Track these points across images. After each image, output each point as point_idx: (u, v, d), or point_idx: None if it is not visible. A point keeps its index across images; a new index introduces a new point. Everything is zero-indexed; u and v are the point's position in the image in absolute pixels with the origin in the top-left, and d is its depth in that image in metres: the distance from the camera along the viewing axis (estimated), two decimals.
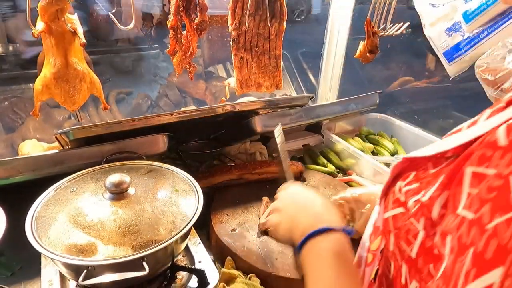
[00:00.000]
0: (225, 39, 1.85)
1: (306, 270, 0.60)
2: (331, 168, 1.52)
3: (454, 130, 0.53)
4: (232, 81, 1.37)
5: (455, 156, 0.47)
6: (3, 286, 0.86)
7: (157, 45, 1.94)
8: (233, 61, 1.33)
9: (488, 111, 0.47)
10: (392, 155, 1.59)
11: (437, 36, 1.29)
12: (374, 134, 1.75)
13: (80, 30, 1.04)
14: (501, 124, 0.39)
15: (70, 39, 1.02)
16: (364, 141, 1.69)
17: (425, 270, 0.48)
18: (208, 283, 0.88)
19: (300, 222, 0.65)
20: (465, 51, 1.21)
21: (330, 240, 0.60)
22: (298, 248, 0.63)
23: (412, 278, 0.52)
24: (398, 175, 0.58)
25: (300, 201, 0.71)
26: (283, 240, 0.71)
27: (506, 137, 0.37)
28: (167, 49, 1.22)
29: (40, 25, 0.98)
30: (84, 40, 1.02)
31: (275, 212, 0.75)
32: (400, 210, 0.53)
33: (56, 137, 1.04)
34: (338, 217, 0.66)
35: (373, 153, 1.64)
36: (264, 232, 1.07)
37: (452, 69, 1.31)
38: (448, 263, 0.39)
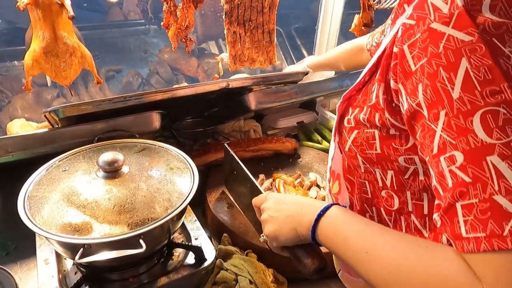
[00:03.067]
0: (218, 14, 1.80)
1: (331, 244, 0.60)
2: (325, 145, 1.52)
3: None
4: (225, 57, 1.34)
5: (370, 76, 0.63)
6: None
7: (153, 20, 1.88)
8: (225, 36, 1.29)
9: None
10: None
11: None
12: None
13: (68, 2, 1.00)
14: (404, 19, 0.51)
15: (57, 11, 0.99)
16: None
17: (392, 152, 0.60)
18: (205, 260, 0.88)
19: (303, 215, 0.65)
20: None
21: (333, 212, 0.62)
22: (312, 236, 0.63)
23: (386, 170, 0.63)
24: (342, 114, 0.70)
25: (288, 202, 0.71)
26: (289, 242, 0.68)
27: (413, 18, 0.49)
28: (162, 23, 1.18)
29: None
30: (72, 13, 0.98)
31: (268, 223, 0.71)
32: (355, 132, 0.66)
33: (45, 115, 1.01)
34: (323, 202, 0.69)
35: None
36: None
37: None
38: (431, 89, 0.47)
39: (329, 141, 1.56)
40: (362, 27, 1.50)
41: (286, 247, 0.70)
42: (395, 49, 0.52)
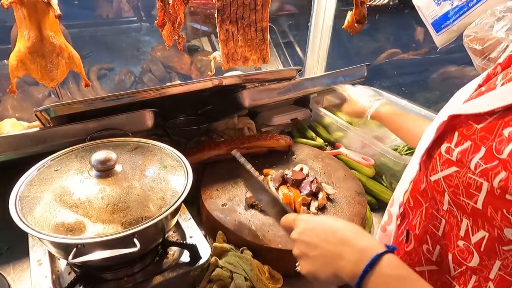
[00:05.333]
0: (208, 11, 1.79)
1: None
2: (319, 141, 1.52)
3: (478, 91, 0.58)
4: (218, 55, 1.33)
5: (503, 110, 0.51)
6: None
7: (144, 18, 1.86)
8: (218, 34, 1.29)
9: None
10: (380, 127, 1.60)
11: (426, 5, 1.27)
12: None
13: (54, 0, 0.98)
14: None
15: (43, 10, 0.96)
16: None
17: (498, 217, 0.50)
18: (200, 257, 0.88)
19: (344, 259, 0.57)
20: (454, 21, 1.19)
21: (387, 265, 0.54)
22: (357, 286, 0.55)
23: (479, 228, 0.54)
24: (440, 136, 0.59)
25: (322, 238, 0.60)
26: (330, 283, 0.60)
27: None
28: (155, 21, 1.17)
29: None
30: (59, 12, 0.96)
31: (302, 261, 0.63)
32: (453, 169, 0.55)
33: (36, 114, 1.00)
34: (373, 240, 0.60)
35: None
36: (250, 205, 1.08)
37: (440, 39, 1.30)
38: None
39: (323, 138, 1.56)
40: (355, 24, 1.50)
41: None
42: None
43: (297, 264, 0.65)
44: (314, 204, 1.08)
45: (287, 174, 1.16)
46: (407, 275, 0.54)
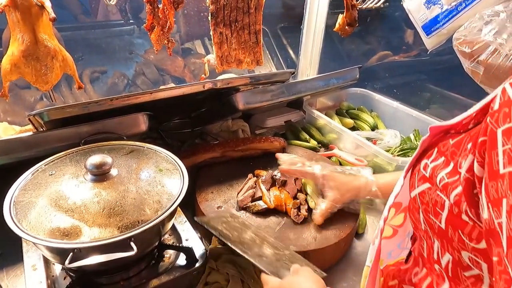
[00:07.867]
0: (202, 14, 1.79)
1: None
2: (313, 143, 1.54)
3: None
4: (212, 58, 1.34)
5: (474, 125, 0.50)
6: None
7: (132, 21, 1.85)
8: (212, 37, 1.29)
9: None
10: (373, 129, 1.62)
11: (416, 9, 1.29)
12: (354, 109, 1.77)
13: (48, 3, 0.97)
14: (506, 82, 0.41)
15: (37, 13, 0.96)
16: (345, 116, 1.71)
17: (455, 238, 0.49)
18: (196, 260, 0.88)
19: None
20: (443, 24, 1.21)
21: None
22: None
23: (445, 251, 0.53)
24: (424, 151, 0.59)
25: None
26: None
27: None
28: (144, 24, 1.16)
29: None
30: (53, 15, 0.95)
31: None
32: (426, 186, 0.54)
33: (29, 119, 1.00)
34: None
35: (354, 128, 1.66)
36: (241, 207, 1.08)
37: (430, 42, 1.32)
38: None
39: (316, 140, 1.58)
40: (346, 27, 1.52)
41: None
42: (488, 120, 0.40)
43: None
44: (304, 207, 1.09)
45: (276, 175, 1.17)
46: None
